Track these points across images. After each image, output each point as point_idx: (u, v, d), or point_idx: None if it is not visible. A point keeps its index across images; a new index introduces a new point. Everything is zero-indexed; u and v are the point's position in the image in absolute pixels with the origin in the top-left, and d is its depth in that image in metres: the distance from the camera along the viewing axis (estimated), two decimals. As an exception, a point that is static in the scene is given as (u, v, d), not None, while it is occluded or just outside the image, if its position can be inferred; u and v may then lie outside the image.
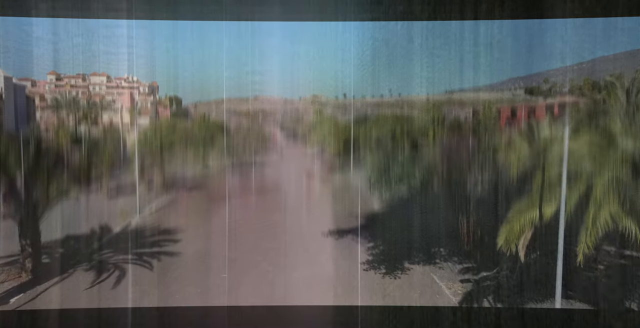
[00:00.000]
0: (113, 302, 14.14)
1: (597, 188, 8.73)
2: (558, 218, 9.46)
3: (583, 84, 16.27)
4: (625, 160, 9.12)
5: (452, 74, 18.66)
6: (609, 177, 8.74)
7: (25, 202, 15.96)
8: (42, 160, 15.84)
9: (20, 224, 16.28)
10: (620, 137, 9.81)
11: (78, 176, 17.96)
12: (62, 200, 17.46)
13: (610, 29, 12.32)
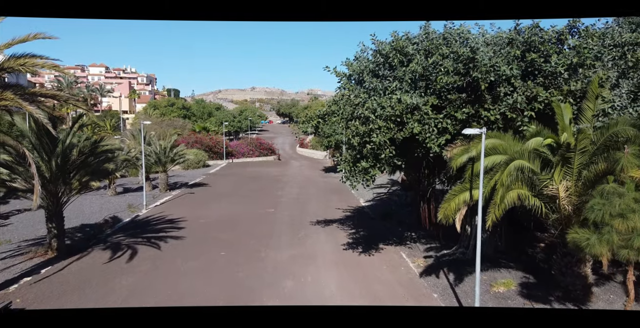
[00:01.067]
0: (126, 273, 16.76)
1: (505, 175, 11.47)
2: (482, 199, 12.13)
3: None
4: (529, 154, 11.93)
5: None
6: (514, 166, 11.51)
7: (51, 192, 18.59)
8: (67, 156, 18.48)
9: (47, 210, 18.91)
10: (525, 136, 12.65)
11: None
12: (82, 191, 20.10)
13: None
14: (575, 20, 13.23)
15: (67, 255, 18.82)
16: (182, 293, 14.94)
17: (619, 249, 9.69)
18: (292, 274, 16.84)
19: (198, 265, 17.85)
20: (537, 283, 14.47)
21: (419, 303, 14.25)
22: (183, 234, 22.55)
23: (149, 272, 17.03)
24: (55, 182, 18.56)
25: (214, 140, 64.94)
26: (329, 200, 33.76)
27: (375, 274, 16.97)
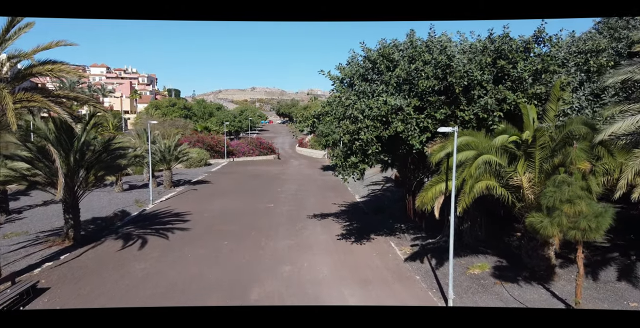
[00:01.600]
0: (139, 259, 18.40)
1: (474, 168, 13.10)
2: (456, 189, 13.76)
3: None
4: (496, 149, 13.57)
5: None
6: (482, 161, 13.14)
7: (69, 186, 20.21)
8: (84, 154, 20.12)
9: (64, 202, 20.54)
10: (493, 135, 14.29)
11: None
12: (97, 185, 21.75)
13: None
14: (541, 30, 14.87)
15: (82, 243, 20.47)
16: (191, 275, 16.60)
17: (568, 230, 11.31)
18: (290, 260, 18.48)
19: (204, 253, 19.49)
20: (508, 266, 16.11)
21: (403, 284, 15.89)
22: (189, 226, 24.22)
23: (159, 258, 18.69)
24: (72, 176, 20.20)
25: (215, 139, 66.58)
26: (325, 196, 35.40)
27: (365, 260, 18.61)
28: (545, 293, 13.74)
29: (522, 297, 13.64)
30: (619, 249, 16.69)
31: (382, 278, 16.43)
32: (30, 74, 14.63)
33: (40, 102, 13.91)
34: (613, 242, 17.54)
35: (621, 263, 15.25)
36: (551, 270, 14.47)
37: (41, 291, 14.95)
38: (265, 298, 14.44)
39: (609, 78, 12.63)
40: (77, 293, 14.84)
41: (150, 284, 15.75)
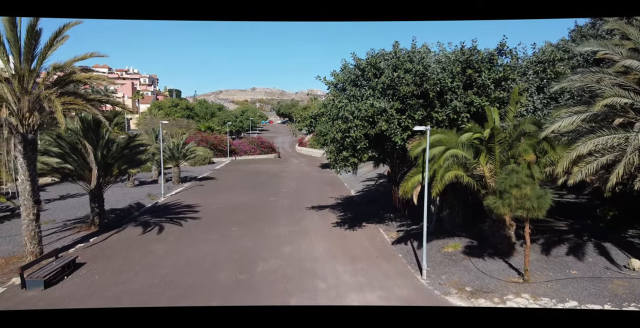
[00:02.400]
0: (158, 241, 21.04)
1: (442, 160, 15.75)
2: (429, 179, 16.36)
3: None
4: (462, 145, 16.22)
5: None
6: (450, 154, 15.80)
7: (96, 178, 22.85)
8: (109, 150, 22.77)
9: (91, 193, 23.18)
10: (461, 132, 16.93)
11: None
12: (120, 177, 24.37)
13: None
14: (503, 44, 17.54)
15: (106, 229, 23.14)
16: (205, 253, 19.26)
17: (516, 209, 13.95)
18: (290, 243, 21.13)
19: (214, 237, 22.14)
20: (477, 245, 18.75)
21: (387, 260, 18.53)
22: (199, 216, 26.90)
23: (176, 241, 21.36)
24: (99, 170, 22.84)
25: (218, 138, 69.22)
26: (323, 191, 38.05)
27: (356, 243, 21.26)
28: (504, 264, 16.41)
29: (484, 268, 16.31)
30: (575, 232, 19.32)
31: (369, 256, 19.08)
32: (72, 81, 17.30)
33: (81, 105, 16.56)
34: (572, 226, 20.19)
35: (573, 243, 17.88)
36: (511, 247, 17.10)
37: (79, 265, 17.62)
38: (269, 271, 17.08)
39: (555, 85, 15.29)
40: (109, 267, 17.50)
41: (170, 261, 18.40)
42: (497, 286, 14.79)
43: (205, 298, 14.32)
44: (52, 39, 17.21)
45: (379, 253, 19.67)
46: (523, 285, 14.56)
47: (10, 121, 16.60)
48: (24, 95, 16.77)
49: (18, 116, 16.87)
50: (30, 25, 16.94)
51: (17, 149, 17.19)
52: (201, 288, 15.23)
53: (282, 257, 19.00)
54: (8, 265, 17.59)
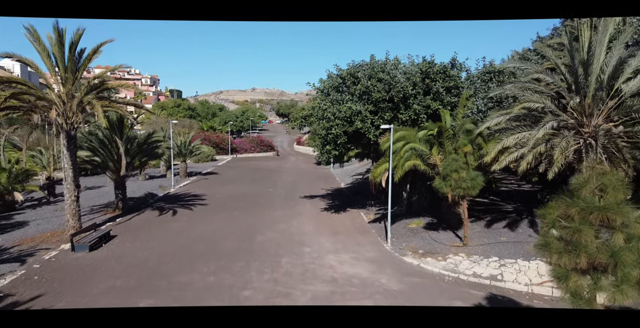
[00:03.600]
0: (174, 221, 25.17)
1: (403, 152, 19.87)
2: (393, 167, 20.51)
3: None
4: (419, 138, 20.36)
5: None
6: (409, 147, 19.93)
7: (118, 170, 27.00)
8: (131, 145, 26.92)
9: (115, 183, 27.34)
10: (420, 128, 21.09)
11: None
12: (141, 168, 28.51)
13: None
14: (454, 58, 21.73)
15: (128, 212, 27.31)
16: (213, 229, 23.42)
17: (455, 189, 18.09)
18: (284, 222, 25.29)
19: (220, 218, 26.31)
20: (435, 222, 22.91)
21: (362, 234, 22.67)
22: (206, 203, 31.07)
23: (188, 220, 25.53)
24: (118, 164, 27.01)
25: (220, 137, 73.41)
26: (316, 184, 42.23)
27: (339, 222, 25.42)
28: (452, 234, 20.57)
29: (436, 237, 20.48)
30: (518, 212, 23.46)
31: (349, 231, 23.25)
32: (106, 88, 21.47)
33: (115, 107, 20.74)
34: (518, 208, 24.33)
35: (512, 219, 22.01)
36: (459, 222, 21.23)
37: (112, 237, 21.79)
38: (265, 240, 21.22)
39: (491, 92, 19.46)
40: (136, 239, 21.66)
41: (185, 234, 22.57)
42: (443, 249, 18.96)
43: (215, 259, 18.46)
44: (91, 54, 21.35)
45: (357, 229, 23.84)
46: (462, 248, 18.73)
47: (58, 121, 20.76)
48: (68, 100, 20.94)
49: (63, 116, 21.02)
50: (73, 42, 21.10)
51: (62, 143, 21.35)
52: (211, 252, 19.40)
53: (276, 231, 23.16)
54: (54, 238, 21.72)
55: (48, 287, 15.23)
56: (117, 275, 16.49)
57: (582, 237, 8.23)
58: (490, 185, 23.33)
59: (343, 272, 16.82)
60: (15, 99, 19.93)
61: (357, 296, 14.39)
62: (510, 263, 16.57)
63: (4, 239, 21.35)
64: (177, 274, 16.47)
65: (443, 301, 14.00)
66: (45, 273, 16.68)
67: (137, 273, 16.67)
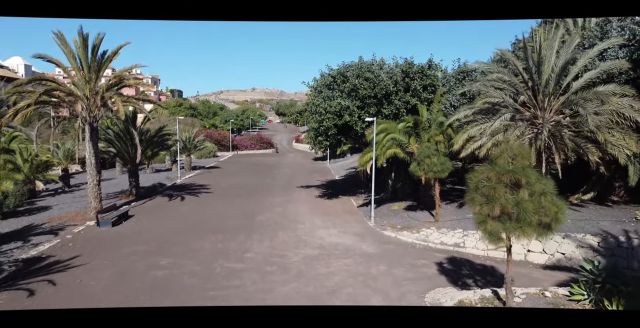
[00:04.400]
0: (183, 205, 28.10)
1: (385, 142, 22.81)
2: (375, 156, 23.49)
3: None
4: (399, 130, 23.32)
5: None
6: (390, 137, 22.87)
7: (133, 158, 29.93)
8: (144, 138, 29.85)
9: (129, 172, 30.28)
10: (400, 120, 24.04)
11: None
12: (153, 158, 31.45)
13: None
14: (431, 59, 24.69)
15: (141, 198, 30.26)
16: (218, 212, 26.37)
17: (427, 172, 21.02)
18: (281, 206, 28.24)
19: (224, 203, 29.25)
20: (415, 205, 25.86)
21: (350, 214, 25.62)
22: (211, 191, 34.03)
23: (195, 205, 28.50)
24: (135, 152, 29.98)
25: (221, 134, 76.37)
26: (312, 176, 45.19)
27: (331, 206, 28.37)
28: (427, 214, 23.52)
29: (413, 216, 23.44)
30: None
31: (339, 213, 26.21)
32: (124, 85, 24.44)
33: (133, 103, 23.70)
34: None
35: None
36: (434, 203, 24.19)
37: (130, 216, 24.74)
38: (264, 220, 24.15)
39: (460, 89, 22.42)
40: (151, 218, 24.60)
41: (193, 215, 25.53)
42: (417, 224, 21.92)
43: (221, 232, 21.37)
44: (111, 56, 24.29)
45: (346, 212, 26.81)
46: (433, 223, 21.69)
47: (83, 114, 23.72)
48: (92, 96, 23.89)
49: (87, 110, 23.97)
50: (95, 45, 24.03)
51: (86, 134, 24.30)
52: (218, 228, 22.33)
53: (274, 213, 26.12)
54: (78, 217, 24.64)
55: (82, 250, 18.19)
56: (138, 243, 19.45)
57: (496, 193, 11.17)
58: (463, 173, 26.25)
59: (330, 241, 19.78)
60: (47, 95, 22.90)
61: (340, 256, 17.35)
62: (472, 234, 19.50)
63: (33, 219, 24.27)
64: (190, 242, 19.44)
65: (410, 259, 16.97)
66: (77, 241, 19.64)
67: (155, 241, 19.64)
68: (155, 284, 14.37)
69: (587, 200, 23.51)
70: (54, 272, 15.48)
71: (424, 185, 24.38)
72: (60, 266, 16.20)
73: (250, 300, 12.85)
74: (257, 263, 16.60)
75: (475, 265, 16.77)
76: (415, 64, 24.91)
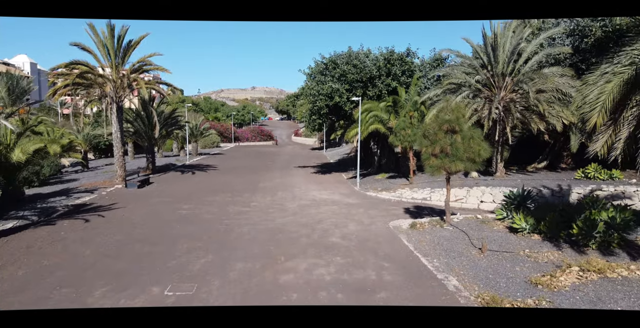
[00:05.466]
0: (195, 177, 32.11)
1: (367, 118, 26.81)
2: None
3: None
4: (381, 108, 27.35)
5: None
6: (372, 114, 26.88)
7: (150, 137, 33.94)
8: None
9: (146, 149, 34.31)
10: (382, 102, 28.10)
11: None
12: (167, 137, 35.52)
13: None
14: (409, 48, 28.75)
15: (157, 172, 34.31)
16: (224, 182, 30.43)
17: (403, 142, 25.07)
18: (280, 179, 32.29)
19: (230, 176, 33.31)
20: (395, 175, 29.90)
21: (340, 183, 29.65)
22: (218, 169, 38.11)
23: (206, 177, 32.56)
24: (152, 131, 34.05)
25: (224, 127, 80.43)
26: (309, 160, 49.27)
27: (324, 179, 32.42)
28: (404, 180, 27.56)
29: (392, 182, 27.48)
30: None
31: (330, 182, 30.26)
32: (144, 70, 28.49)
33: (153, 84, 27.70)
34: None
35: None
36: (410, 172, 28.27)
37: (151, 182, 28.78)
38: (266, 186, 28.19)
39: (431, 73, 26.47)
40: (168, 184, 28.65)
41: (204, 183, 29.60)
42: (394, 187, 25.96)
43: (230, 192, 25.39)
44: (135, 45, 28.32)
45: (336, 182, 30.86)
46: (408, 185, 25.73)
47: (111, 94, 27.76)
48: (118, 78, 27.92)
49: (114, 91, 27.99)
50: (120, 35, 28.04)
51: (112, 112, 28.34)
52: (226, 190, 26.37)
53: (274, 182, 30.18)
54: (107, 183, 28.66)
55: (117, 200, 22.23)
56: (162, 197, 23.50)
57: (437, 137, 15.23)
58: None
59: (321, 197, 23.84)
60: (81, 77, 26.95)
61: (327, 205, 21.39)
62: (438, 191, 23.54)
63: (66, 186, 28.32)
64: (205, 197, 23.50)
65: (383, 206, 21.00)
66: (112, 196, 23.70)
67: (176, 196, 23.70)
68: (182, 217, 18.42)
69: (541, 168, 27.63)
70: (100, 211, 19.53)
71: (402, 156, 28.46)
72: (103, 208, 20.23)
73: (256, 225, 16.87)
74: (260, 208, 20.64)
75: (435, 210, 20.80)
76: (395, 52, 28.97)
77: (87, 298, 9.69)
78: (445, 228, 15.68)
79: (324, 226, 16.79)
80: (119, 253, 13.14)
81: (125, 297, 9.72)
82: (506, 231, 14.68)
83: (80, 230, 15.99)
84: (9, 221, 17.24)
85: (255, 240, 14.60)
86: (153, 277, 11.02)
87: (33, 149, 20.53)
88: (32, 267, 11.86)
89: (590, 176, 22.25)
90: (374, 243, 14.26)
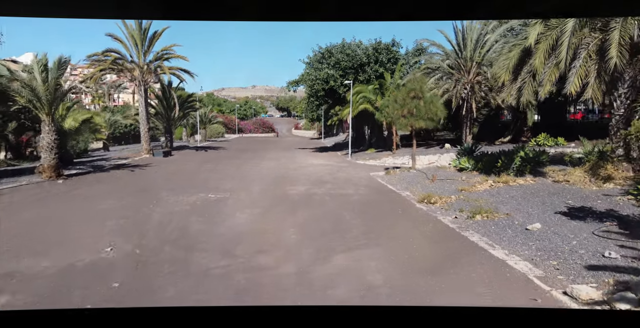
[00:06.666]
0: (208, 154, 36.81)
1: (357, 99, 31.47)
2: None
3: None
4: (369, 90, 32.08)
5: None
6: (361, 95, 31.58)
7: (168, 118, 38.61)
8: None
9: (165, 129, 39.02)
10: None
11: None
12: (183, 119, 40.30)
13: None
14: (394, 39, 33.47)
15: (174, 150, 39.06)
16: (234, 155, 35.19)
17: (387, 118, 29.73)
18: (283, 155, 37.03)
19: (238, 153, 38.07)
20: (382, 150, 34.61)
21: (334, 157, 34.39)
22: (226, 149, 42.87)
23: (217, 153, 37.34)
24: (170, 113, 38.78)
25: (228, 118, 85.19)
26: (307, 145, 54.03)
27: (322, 157, 37.14)
28: (389, 152, 32.29)
29: (379, 154, 32.19)
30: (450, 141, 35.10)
31: (325, 156, 34.99)
32: (164, 59, 33.23)
33: (175, 69, 32.45)
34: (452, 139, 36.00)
35: (430, 145, 33.63)
36: (393, 145, 32.98)
37: (172, 155, 33.52)
38: (271, 158, 32.88)
39: (412, 60, 31.21)
40: (187, 156, 33.39)
41: (218, 156, 34.35)
42: (380, 157, 30.66)
43: (240, 159, 30.07)
44: (157, 36, 33.02)
45: (331, 156, 35.60)
46: (390, 155, 30.45)
47: (139, 79, 32.47)
48: (144, 64, 32.58)
49: (141, 75, 32.68)
50: (145, 28, 32.73)
51: (141, 94, 33.05)
52: (237, 159, 31.07)
53: (278, 157, 34.89)
54: (136, 155, 33.37)
55: (148, 163, 26.94)
56: (186, 161, 28.27)
57: (405, 101, 19.94)
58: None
59: (317, 163, 28.57)
60: (114, 63, 31.68)
61: (322, 166, 26.11)
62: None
63: (98, 158, 33.06)
64: (221, 162, 28.27)
65: (367, 168, 25.71)
66: (144, 160, 28.44)
67: (197, 161, 28.49)
68: (208, 170, 23.15)
69: (507, 142, 32.34)
70: (139, 168, 24.27)
71: (388, 134, 33.17)
72: (141, 166, 24.95)
73: (266, 174, 21.56)
74: (268, 167, 25.37)
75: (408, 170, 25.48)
76: (382, 43, 33.71)
77: (161, 193, 14.45)
78: (411, 172, 20.41)
79: (319, 175, 21.49)
80: (167, 183, 17.89)
81: (183, 196, 14.44)
82: (455, 171, 19.41)
83: (131, 174, 20.75)
84: (71, 170, 21.97)
85: (267, 178, 19.37)
86: (198, 190, 15.75)
87: (82, 118, 25.24)
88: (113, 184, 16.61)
89: (541, 143, 26.95)
90: (356, 180, 19.01)
